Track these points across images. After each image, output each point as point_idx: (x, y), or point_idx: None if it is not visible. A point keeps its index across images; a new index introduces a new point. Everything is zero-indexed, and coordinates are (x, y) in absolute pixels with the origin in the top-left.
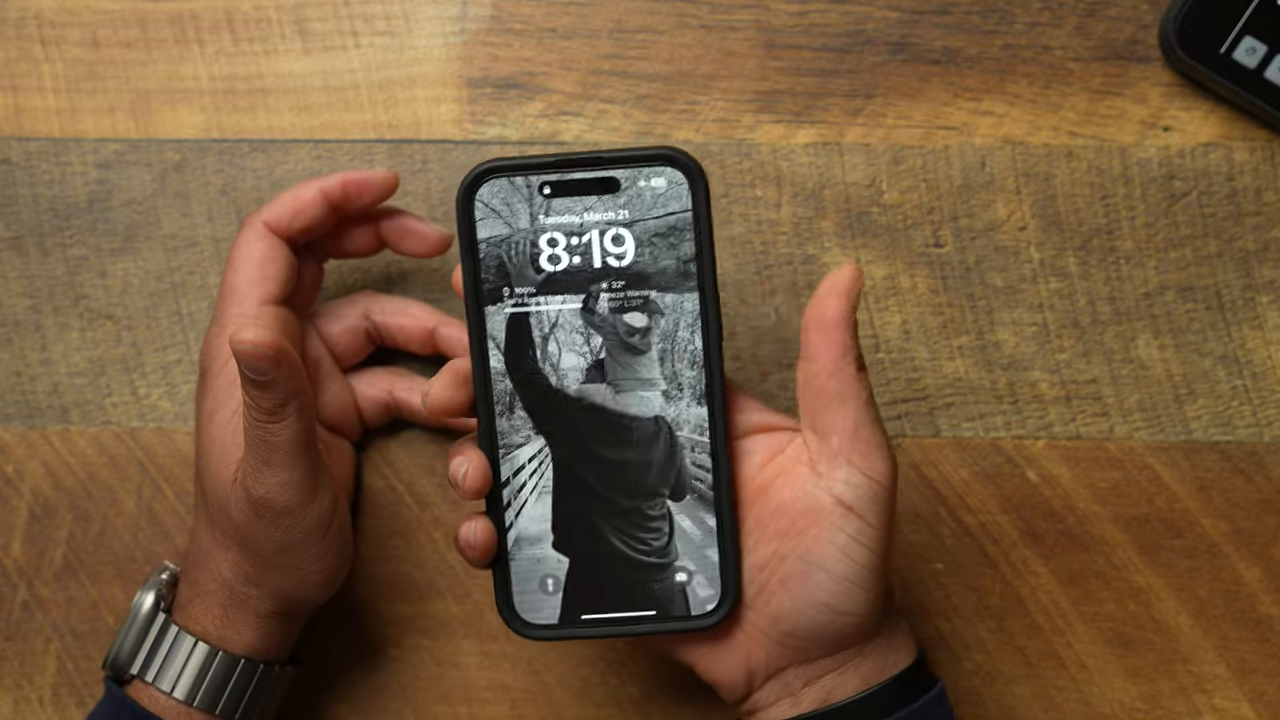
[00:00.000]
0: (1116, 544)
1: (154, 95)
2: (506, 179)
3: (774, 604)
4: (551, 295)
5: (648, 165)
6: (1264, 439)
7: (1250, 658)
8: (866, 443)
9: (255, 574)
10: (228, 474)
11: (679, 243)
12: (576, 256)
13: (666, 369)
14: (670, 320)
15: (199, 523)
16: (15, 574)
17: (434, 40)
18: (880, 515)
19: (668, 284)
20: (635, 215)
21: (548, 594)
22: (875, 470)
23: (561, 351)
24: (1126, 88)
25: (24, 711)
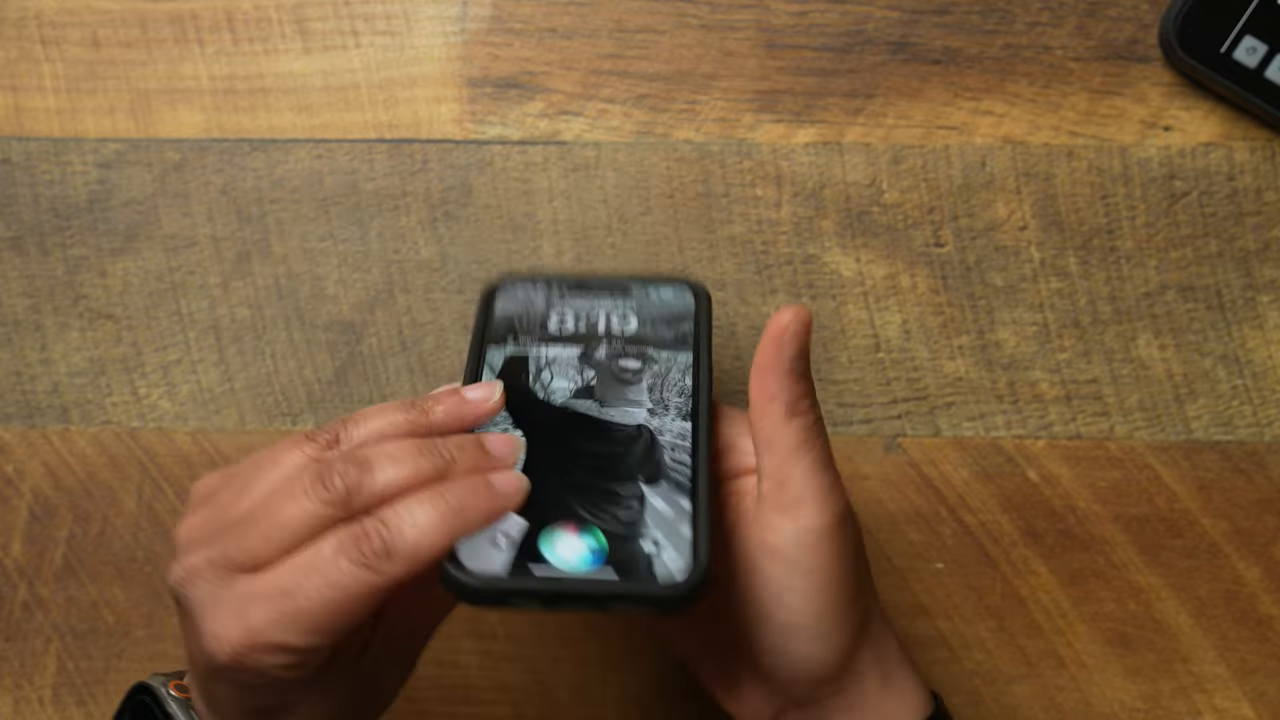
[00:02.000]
0: (1116, 544)
1: (154, 95)
2: (529, 281)
3: (745, 648)
4: (553, 344)
5: (660, 284)
6: (1264, 439)
7: (1250, 658)
8: (794, 491)
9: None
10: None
11: (679, 323)
12: (583, 324)
13: (655, 395)
14: (664, 365)
15: None
16: (15, 574)
17: (434, 40)
18: (816, 561)
19: (665, 345)
20: (643, 307)
21: (498, 549)
22: (803, 518)
23: (554, 378)
24: (1126, 88)
25: (24, 711)
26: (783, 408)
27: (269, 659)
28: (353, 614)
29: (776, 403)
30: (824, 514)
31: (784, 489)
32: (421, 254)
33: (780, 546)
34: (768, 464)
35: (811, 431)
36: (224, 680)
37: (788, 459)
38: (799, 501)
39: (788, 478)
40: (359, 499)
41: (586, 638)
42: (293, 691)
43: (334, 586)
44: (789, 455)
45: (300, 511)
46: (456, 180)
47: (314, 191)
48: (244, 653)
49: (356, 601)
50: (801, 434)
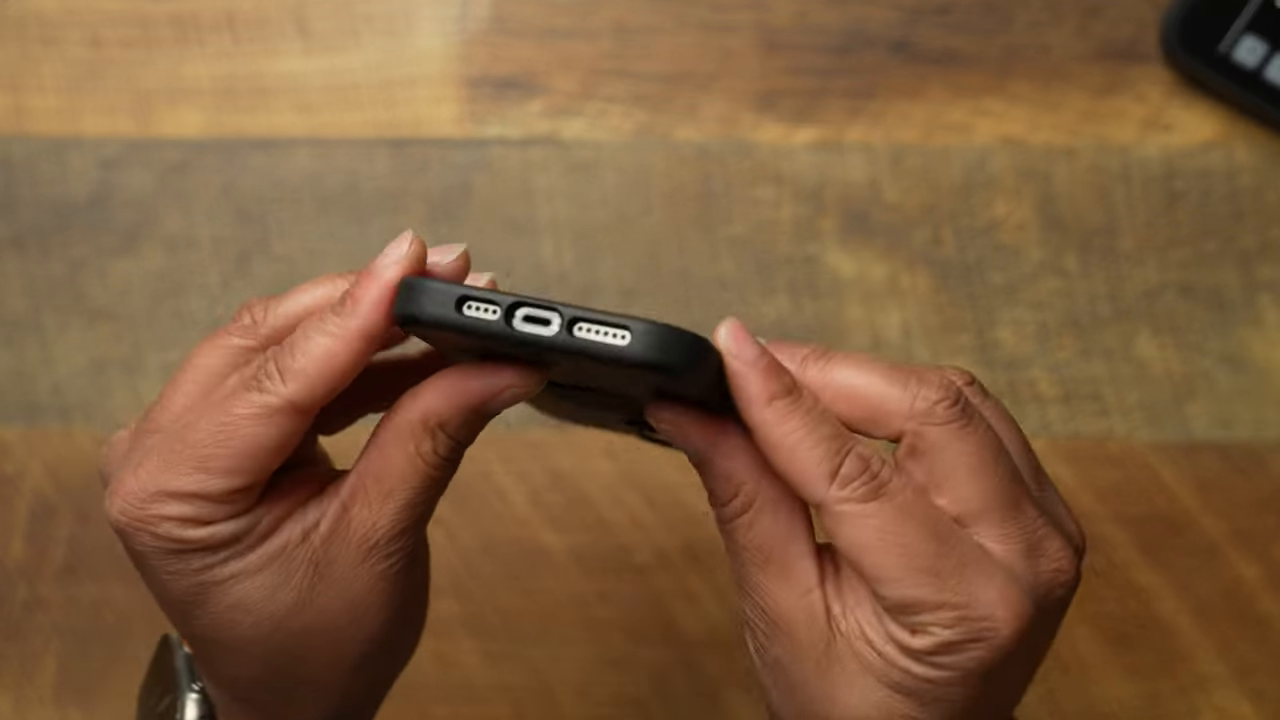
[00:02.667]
0: (1116, 543)
1: (155, 95)
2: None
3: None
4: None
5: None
6: (1264, 439)
7: (1250, 657)
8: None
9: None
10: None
11: None
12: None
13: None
14: None
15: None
16: (16, 573)
17: (434, 40)
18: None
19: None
20: None
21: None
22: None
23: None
24: (1126, 88)
25: (25, 711)
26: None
27: (161, 508)
28: (250, 446)
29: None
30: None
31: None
32: None
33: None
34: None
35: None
36: (138, 562)
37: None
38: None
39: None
40: (265, 325)
41: (586, 638)
42: (220, 569)
43: (225, 413)
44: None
45: (210, 348)
46: (456, 180)
47: (314, 191)
48: (134, 506)
49: (251, 431)
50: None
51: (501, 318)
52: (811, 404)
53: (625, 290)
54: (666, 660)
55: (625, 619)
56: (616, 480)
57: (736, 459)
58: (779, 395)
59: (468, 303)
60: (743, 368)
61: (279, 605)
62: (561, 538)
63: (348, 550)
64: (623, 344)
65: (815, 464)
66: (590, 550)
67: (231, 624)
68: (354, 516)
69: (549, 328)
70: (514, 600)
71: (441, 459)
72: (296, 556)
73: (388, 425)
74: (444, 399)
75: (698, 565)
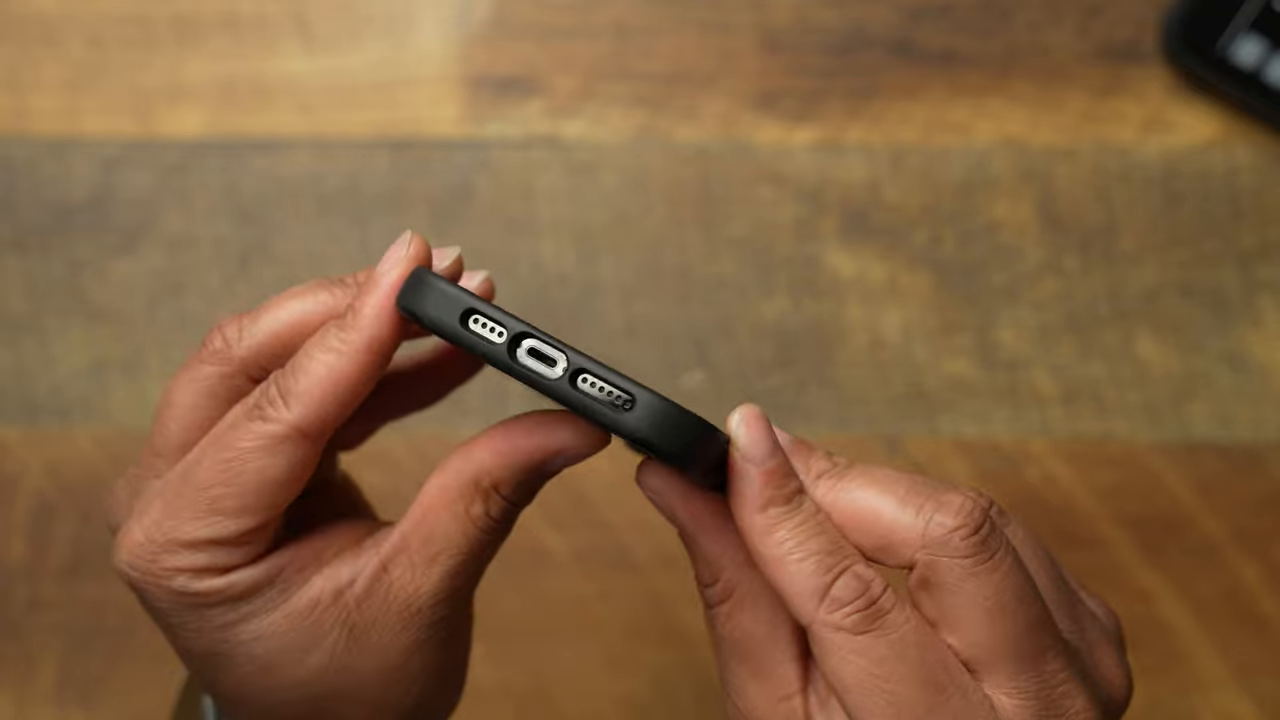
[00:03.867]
0: (1117, 544)
1: (155, 95)
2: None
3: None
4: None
5: None
6: (1264, 439)
7: (1250, 658)
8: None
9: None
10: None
11: None
12: None
13: None
14: None
15: None
16: (16, 573)
17: (434, 40)
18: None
19: None
20: None
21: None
22: None
23: None
24: (1126, 88)
25: (26, 711)
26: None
27: (173, 560)
28: (259, 481)
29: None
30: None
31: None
32: None
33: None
34: None
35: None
36: (155, 618)
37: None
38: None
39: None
40: (240, 346)
41: (587, 638)
42: (243, 626)
43: (228, 448)
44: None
45: (185, 383)
46: (457, 181)
47: (315, 192)
48: (143, 559)
49: (258, 465)
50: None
51: (505, 344)
52: (809, 515)
53: (625, 290)
54: (666, 660)
55: (625, 619)
56: (616, 480)
57: (720, 544)
58: (776, 503)
59: (474, 316)
60: (746, 467)
61: (308, 669)
62: (562, 538)
63: (386, 615)
64: (623, 415)
65: (803, 579)
66: (590, 550)
67: (256, 686)
68: (394, 579)
69: (553, 369)
70: (514, 600)
71: (494, 522)
72: (328, 617)
73: (436, 482)
74: (499, 458)
75: None
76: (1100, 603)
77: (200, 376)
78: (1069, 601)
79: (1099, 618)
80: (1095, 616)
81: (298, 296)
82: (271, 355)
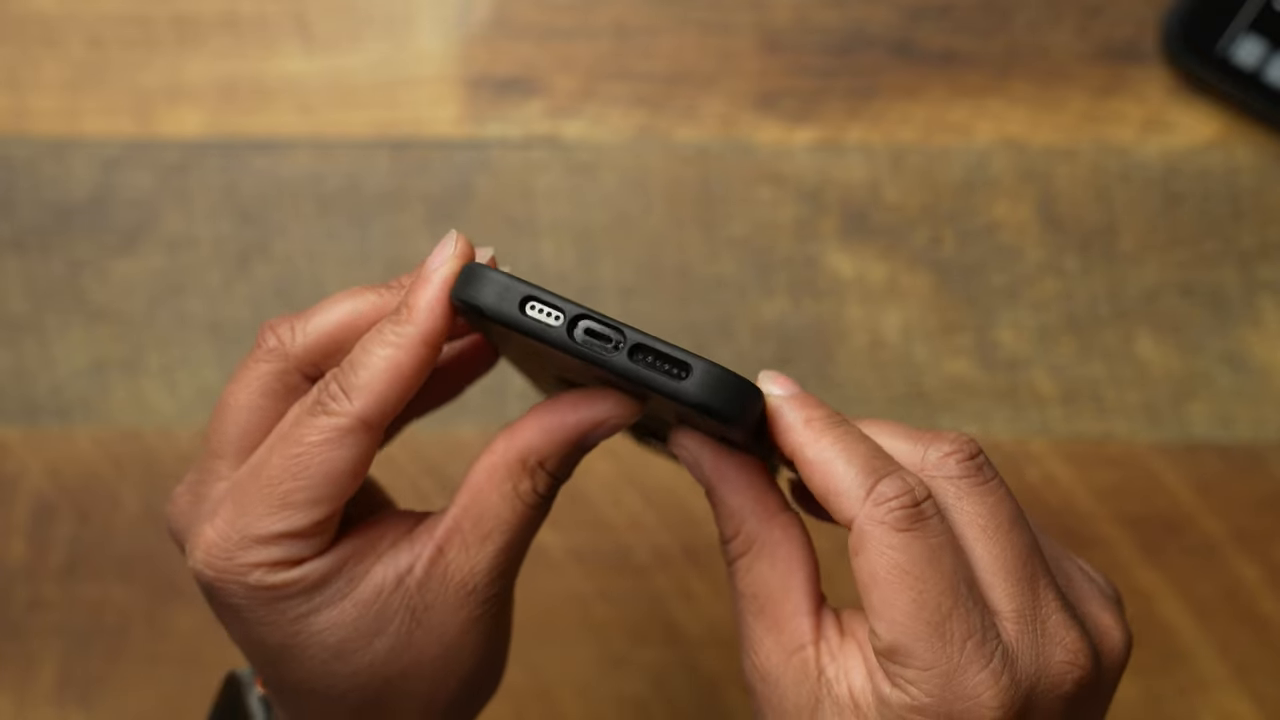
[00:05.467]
0: (1116, 544)
1: (155, 95)
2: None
3: None
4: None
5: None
6: (1264, 439)
7: (1250, 658)
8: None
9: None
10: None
11: None
12: None
13: None
14: None
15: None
16: (16, 573)
17: (434, 40)
18: None
19: None
20: None
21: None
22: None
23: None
24: (1126, 88)
25: (25, 711)
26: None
27: (249, 556)
28: (327, 472)
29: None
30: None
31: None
32: (422, 254)
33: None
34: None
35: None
36: (227, 615)
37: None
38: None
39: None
40: (295, 344)
41: (587, 638)
42: (315, 617)
43: (296, 443)
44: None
45: (243, 384)
46: (457, 181)
47: (315, 192)
48: (219, 558)
49: (326, 457)
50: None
51: (564, 326)
52: (851, 427)
53: (625, 290)
54: (666, 660)
55: (625, 619)
56: (616, 480)
57: (742, 496)
58: (816, 418)
59: (531, 302)
60: (781, 402)
61: (376, 653)
62: (561, 537)
63: (445, 595)
64: (681, 383)
65: (850, 478)
66: (590, 550)
67: (327, 674)
68: (450, 560)
69: (608, 346)
70: (514, 600)
71: (540, 497)
72: (393, 603)
73: (484, 466)
74: (544, 435)
75: (698, 565)
76: (1095, 569)
77: (257, 375)
78: (1055, 555)
79: (1092, 577)
80: (1086, 573)
81: (348, 298)
82: (325, 353)
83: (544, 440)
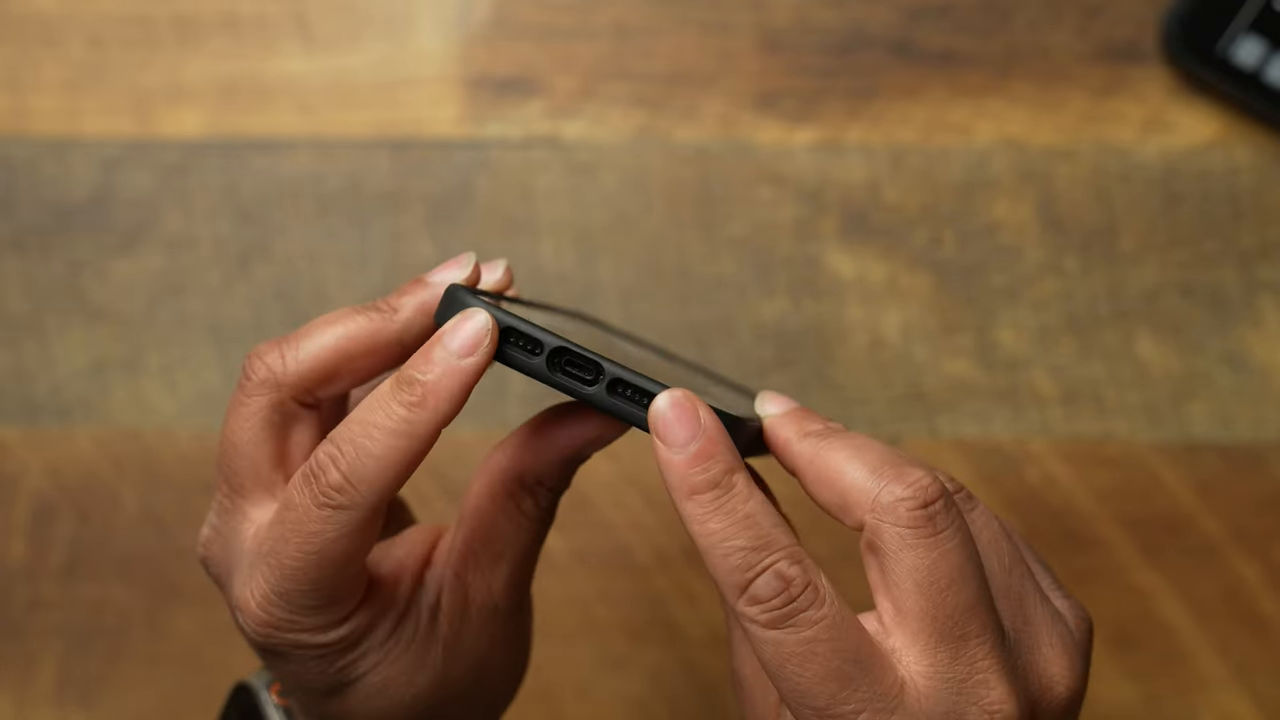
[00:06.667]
0: (1116, 544)
1: (155, 95)
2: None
3: None
4: (579, 322)
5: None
6: (1264, 439)
7: (1250, 658)
8: None
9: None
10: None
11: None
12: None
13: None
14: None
15: None
16: (16, 573)
17: (434, 40)
18: None
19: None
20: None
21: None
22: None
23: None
24: (1126, 88)
25: (25, 711)
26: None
27: (294, 626)
28: (345, 556)
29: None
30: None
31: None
32: (422, 254)
33: None
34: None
35: None
36: (275, 663)
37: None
38: None
39: None
40: (286, 373)
41: (587, 638)
42: (362, 662)
43: (309, 538)
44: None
45: (240, 421)
46: (457, 181)
47: (315, 192)
48: (266, 628)
49: (342, 548)
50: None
51: (543, 361)
52: (740, 502)
53: (625, 290)
54: (666, 660)
55: (625, 619)
56: (616, 480)
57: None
58: (700, 490)
59: (511, 335)
60: (666, 455)
61: (418, 686)
62: (562, 538)
63: (470, 619)
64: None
65: (727, 572)
66: (590, 550)
67: (371, 710)
68: (471, 585)
69: (587, 379)
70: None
71: (543, 512)
72: (431, 637)
73: (484, 491)
74: (537, 455)
75: (698, 566)
76: (1076, 606)
77: (253, 410)
78: (1020, 594)
79: (1064, 618)
80: (1058, 616)
81: (337, 321)
82: (318, 381)
83: (538, 460)
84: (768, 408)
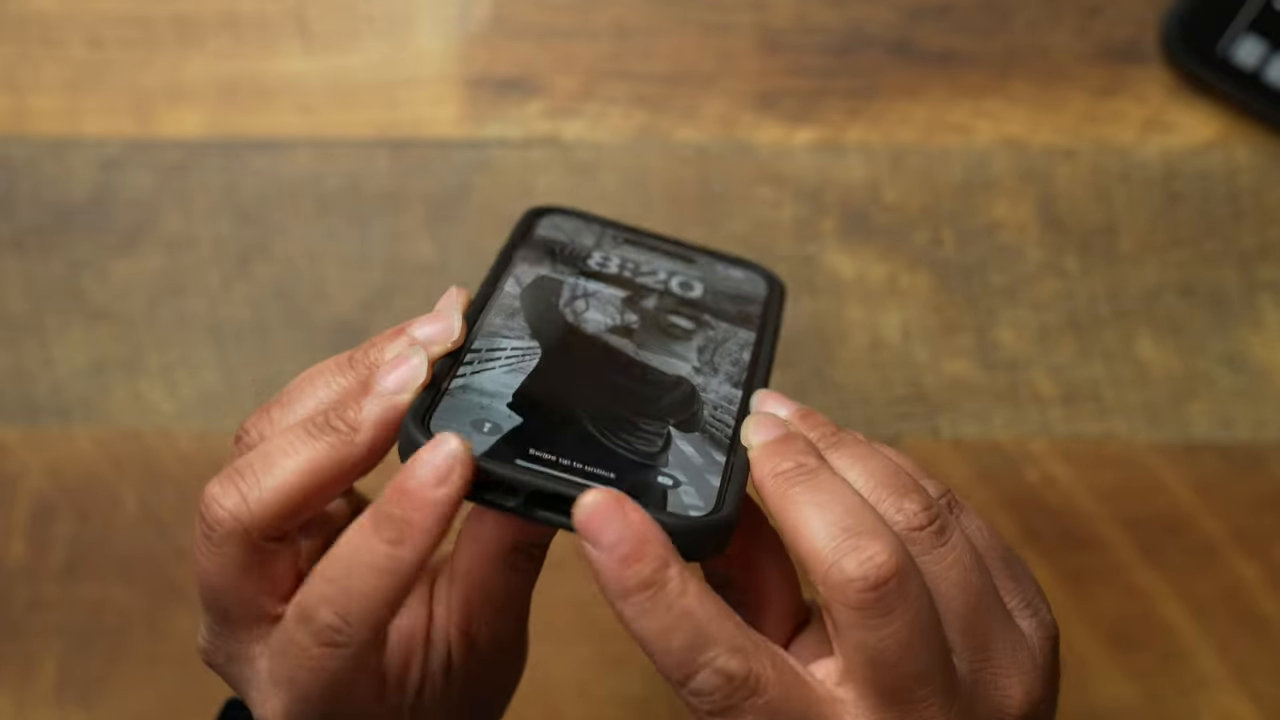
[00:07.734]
0: (1116, 544)
1: (155, 95)
2: (581, 219)
3: None
4: (596, 280)
5: (733, 263)
6: (1264, 439)
7: (1250, 658)
8: None
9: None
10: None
11: (745, 304)
12: (636, 274)
13: (704, 356)
14: (720, 334)
15: None
16: (16, 573)
17: (434, 40)
18: None
19: (725, 318)
20: (708, 278)
21: (480, 433)
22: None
23: (589, 310)
24: (1126, 88)
25: (25, 711)
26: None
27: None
28: (350, 684)
29: None
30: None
31: None
32: (422, 254)
33: None
34: None
35: None
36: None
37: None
38: None
39: None
40: (249, 516)
41: (587, 637)
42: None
43: (316, 674)
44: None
45: (210, 564)
46: (457, 181)
47: (314, 192)
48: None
49: (352, 679)
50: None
51: (521, 505)
52: (673, 600)
53: None
54: None
55: None
56: None
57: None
58: (632, 592)
59: (485, 493)
60: (595, 555)
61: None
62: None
63: (479, 662)
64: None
65: (667, 670)
66: None
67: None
68: (478, 638)
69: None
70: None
71: (535, 563)
72: (445, 694)
73: (477, 558)
74: (522, 528)
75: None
76: (1042, 622)
77: (225, 558)
78: (984, 631)
79: (1026, 640)
80: (1020, 641)
81: (295, 451)
82: (284, 518)
83: (522, 530)
84: (766, 407)
